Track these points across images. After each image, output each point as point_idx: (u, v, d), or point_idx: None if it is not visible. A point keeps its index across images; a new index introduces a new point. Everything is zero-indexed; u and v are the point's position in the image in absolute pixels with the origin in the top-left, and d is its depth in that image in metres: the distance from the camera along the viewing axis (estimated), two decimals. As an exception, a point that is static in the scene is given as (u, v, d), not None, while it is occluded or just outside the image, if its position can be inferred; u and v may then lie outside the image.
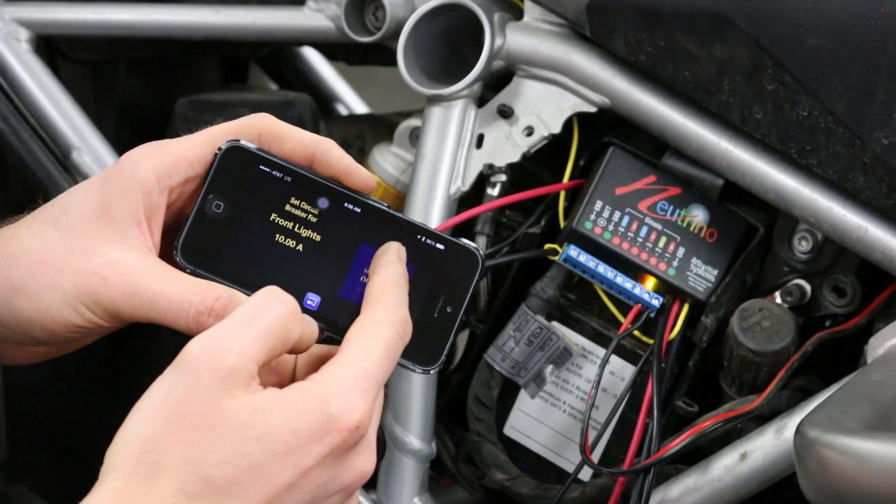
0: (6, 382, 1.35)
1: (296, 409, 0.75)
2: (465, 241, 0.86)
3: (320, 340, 0.84)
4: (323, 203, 0.85)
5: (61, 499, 1.43)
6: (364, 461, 0.78)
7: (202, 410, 0.74)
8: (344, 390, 0.76)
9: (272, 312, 0.78)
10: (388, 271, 0.83)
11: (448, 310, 0.85)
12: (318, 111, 1.39)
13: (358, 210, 0.85)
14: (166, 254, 0.85)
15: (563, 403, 1.19)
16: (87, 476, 0.76)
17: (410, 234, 0.86)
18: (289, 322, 0.78)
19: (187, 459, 0.73)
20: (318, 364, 0.80)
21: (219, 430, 0.74)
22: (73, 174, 1.28)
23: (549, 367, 1.15)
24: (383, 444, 1.19)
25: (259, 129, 0.86)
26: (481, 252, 0.86)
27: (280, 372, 0.83)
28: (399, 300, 0.82)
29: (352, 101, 1.76)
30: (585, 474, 1.18)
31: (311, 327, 0.81)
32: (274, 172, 0.85)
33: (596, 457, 1.17)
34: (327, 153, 0.86)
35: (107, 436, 0.76)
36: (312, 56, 1.70)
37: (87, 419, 1.44)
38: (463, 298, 0.85)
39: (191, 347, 0.76)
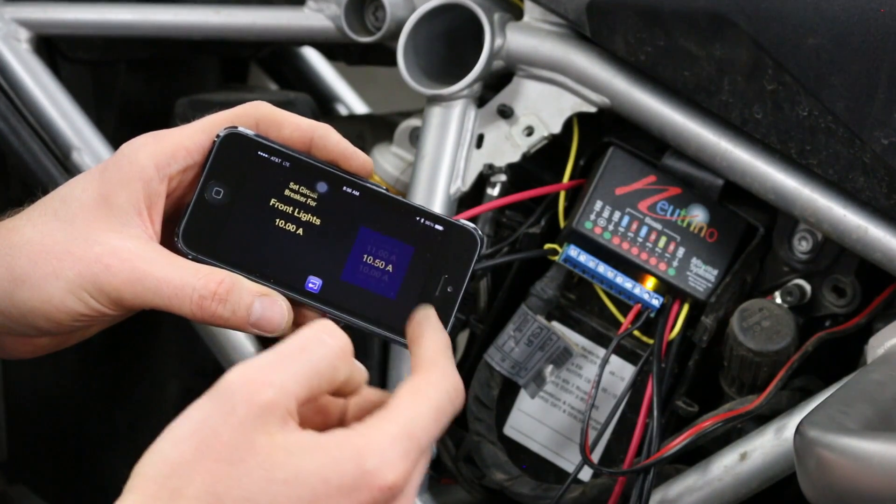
0: (6, 382, 1.35)
1: (330, 457, 0.72)
2: (463, 221, 0.87)
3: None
4: (322, 187, 0.86)
5: (61, 499, 1.43)
6: None
7: (233, 443, 0.71)
8: (385, 446, 0.73)
9: (322, 349, 0.75)
10: (438, 336, 0.82)
11: (449, 290, 0.86)
12: (318, 111, 1.39)
13: (357, 193, 0.86)
14: (167, 242, 0.85)
15: (563, 403, 1.19)
16: (87, 476, 0.76)
17: (409, 215, 0.86)
18: (337, 360, 0.75)
19: (210, 491, 0.70)
20: (369, 412, 0.76)
21: (247, 467, 0.71)
22: (73, 174, 1.27)
23: (549, 367, 1.15)
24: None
25: (257, 115, 0.87)
26: (479, 232, 0.86)
27: (328, 413, 0.80)
28: (453, 365, 0.79)
29: (352, 101, 1.76)
30: (585, 474, 1.18)
31: (361, 370, 0.79)
32: (272, 158, 0.85)
33: (596, 457, 1.17)
34: (325, 138, 0.86)
35: (106, 436, 0.76)
36: (312, 56, 1.70)
37: (88, 419, 1.44)
38: (463, 278, 0.86)
39: (230, 375, 0.73)
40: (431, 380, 0.77)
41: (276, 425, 0.72)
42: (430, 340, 0.81)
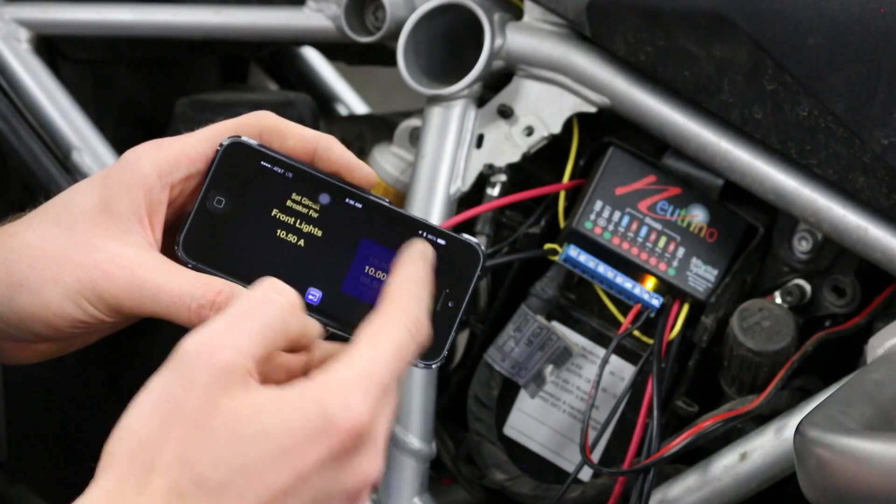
0: (6, 382, 1.35)
1: (293, 409, 0.73)
2: (466, 236, 0.86)
3: (325, 338, 0.83)
4: (324, 199, 0.85)
5: (61, 499, 1.43)
6: (367, 465, 0.75)
7: (197, 409, 0.72)
8: (344, 390, 0.73)
9: (271, 305, 0.76)
10: (409, 269, 0.81)
11: (450, 305, 0.85)
12: (318, 111, 1.38)
13: (359, 206, 0.86)
14: (167, 251, 0.85)
15: (563, 403, 1.19)
16: (87, 476, 0.76)
17: (411, 229, 0.86)
18: (288, 315, 0.76)
19: (181, 459, 0.71)
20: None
21: (213, 430, 0.72)
22: (74, 174, 1.28)
23: (549, 367, 1.15)
24: (383, 444, 1.19)
25: (260, 125, 0.86)
26: (482, 247, 0.86)
27: (290, 370, 0.80)
28: (416, 300, 0.79)
29: (352, 101, 1.76)
30: (585, 474, 1.18)
31: (314, 323, 0.79)
32: (275, 168, 0.85)
33: (596, 457, 1.17)
34: (328, 149, 0.86)
35: (106, 436, 0.76)
36: (312, 56, 1.70)
37: (88, 419, 1.44)
38: (464, 293, 0.86)
39: (186, 344, 0.74)
40: (389, 317, 0.78)
41: (236, 386, 0.72)
42: (397, 275, 0.81)
